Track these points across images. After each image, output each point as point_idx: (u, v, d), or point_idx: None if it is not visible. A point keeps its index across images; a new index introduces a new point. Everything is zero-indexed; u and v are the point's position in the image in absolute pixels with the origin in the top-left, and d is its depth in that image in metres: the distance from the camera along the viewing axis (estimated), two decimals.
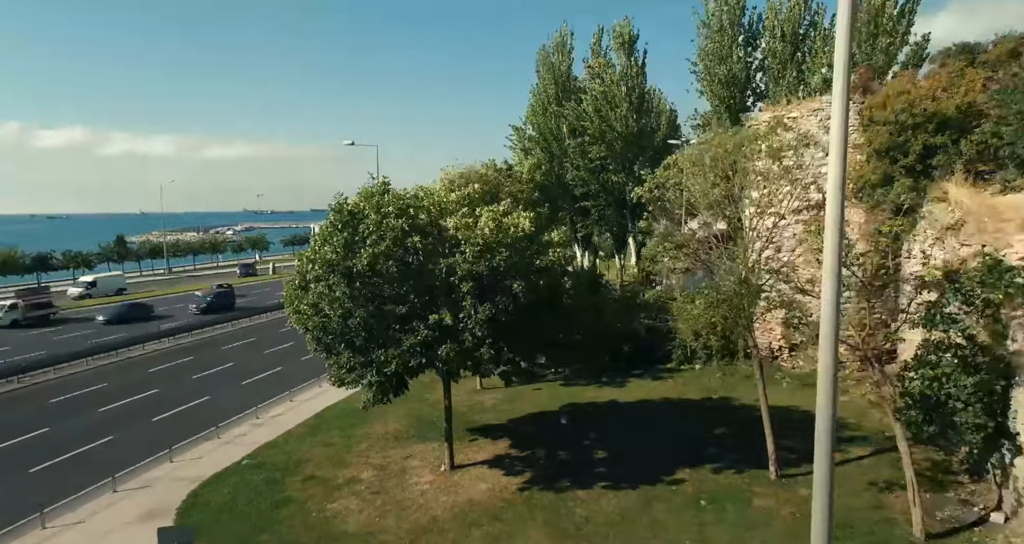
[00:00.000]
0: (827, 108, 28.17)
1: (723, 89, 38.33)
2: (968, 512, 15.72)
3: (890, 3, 34.08)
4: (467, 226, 16.39)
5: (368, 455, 21.06)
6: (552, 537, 15.35)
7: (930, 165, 24.92)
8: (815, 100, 29.19)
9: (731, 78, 38.14)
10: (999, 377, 15.44)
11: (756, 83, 39.65)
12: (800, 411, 23.91)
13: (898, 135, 25.27)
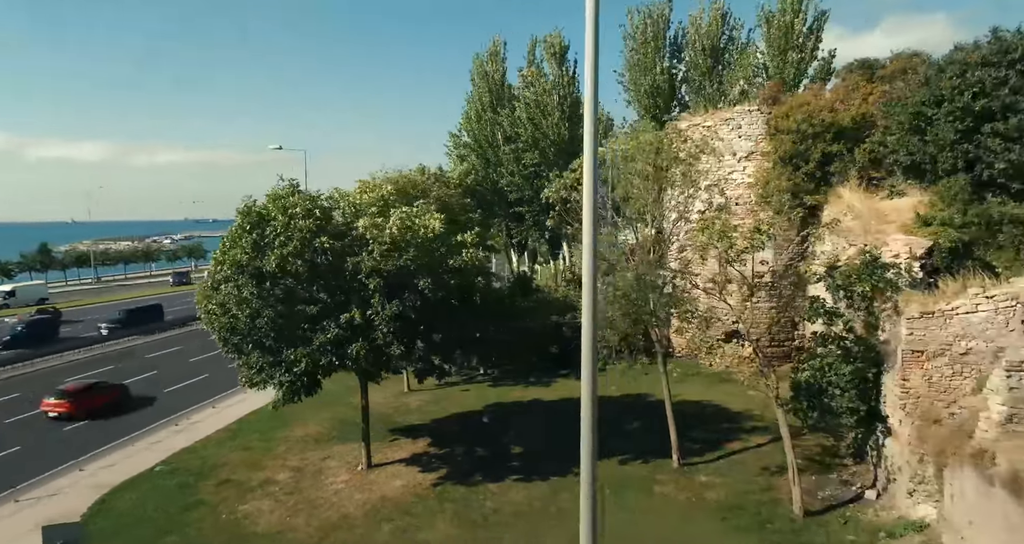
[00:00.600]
0: (737, 117, 29.80)
1: (648, 99, 39.84)
2: (847, 491, 16.93)
3: (799, 21, 36.21)
4: (376, 226, 16.76)
5: (286, 457, 21.04)
6: (459, 527, 15.79)
7: (828, 172, 26.67)
8: (728, 110, 30.76)
9: (655, 89, 39.68)
10: (871, 365, 16.78)
11: (681, 94, 41.37)
12: (712, 405, 25.16)
13: (799, 143, 26.95)
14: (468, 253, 18.67)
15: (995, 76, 20.95)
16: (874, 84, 28.03)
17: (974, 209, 20.37)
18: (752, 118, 29.17)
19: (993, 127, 20.83)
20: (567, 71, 44.25)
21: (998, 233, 20.08)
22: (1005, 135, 20.63)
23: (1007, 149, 20.43)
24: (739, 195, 29.50)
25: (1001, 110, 20.80)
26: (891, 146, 23.49)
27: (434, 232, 17.44)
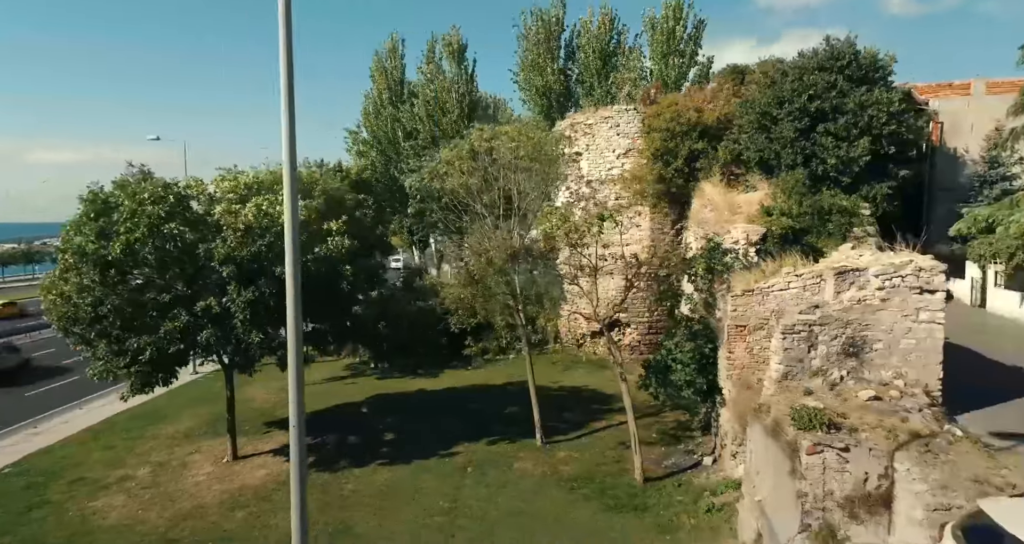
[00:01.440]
0: (616, 116, 31.24)
1: (541, 98, 41.00)
2: (689, 459, 18.23)
3: (679, 27, 38.32)
4: (230, 212, 16.63)
5: (150, 454, 20.41)
6: (316, 510, 15.89)
7: (695, 167, 28.42)
8: (607, 109, 32.18)
9: (547, 88, 40.89)
10: (707, 341, 18.17)
11: (574, 94, 42.82)
12: (589, 389, 26.27)
13: (669, 141, 28.57)
14: (334, 241, 18.83)
15: (827, 80, 23.06)
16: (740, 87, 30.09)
17: (808, 200, 22.34)
18: (629, 117, 30.66)
19: (825, 127, 22.91)
20: (466, 69, 44.89)
21: (828, 221, 22.14)
22: (835, 134, 22.73)
23: (837, 146, 22.53)
24: (617, 191, 30.93)
25: (832, 111, 22.92)
26: (743, 143, 25.37)
27: None
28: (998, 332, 18.92)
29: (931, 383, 11.41)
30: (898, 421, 9.56)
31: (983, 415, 11.61)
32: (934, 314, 11.28)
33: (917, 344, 11.37)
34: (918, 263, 11.41)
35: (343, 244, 18.92)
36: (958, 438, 9.29)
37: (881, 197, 22.58)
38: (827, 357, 11.59)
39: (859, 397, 10.43)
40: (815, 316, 11.62)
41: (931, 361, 11.37)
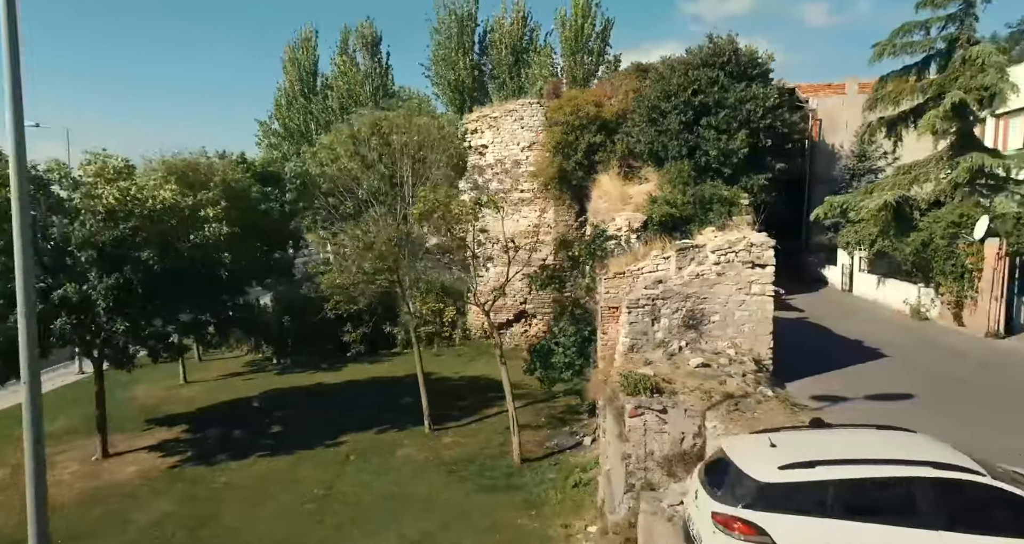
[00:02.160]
0: (520, 110, 31.64)
1: (453, 93, 41.04)
2: (570, 440, 18.66)
3: (588, 25, 39.16)
4: (90, 196, 15.88)
5: (12, 456, 19.18)
6: (179, 504, 15.39)
7: (594, 160, 29.10)
8: (513, 103, 32.55)
9: (460, 83, 40.97)
10: (588, 325, 18.67)
11: (487, 89, 43.06)
12: (488, 378, 26.32)
13: (569, 134, 29.14)
14: (211, 228, 18.25)
15: (709, 76, 24.06)
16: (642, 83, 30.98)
17: (692, 190, 23.27)
18: (533, 111, 31.10)
19: (708, 120, 23.90)
20: (380, 62, 44.44)
21: (709, 210, 23.11)
22: (717, 127, 23.74)
23: (718, 139, 23.54)
24: (522, 183, 31.36)
25: (714, 105, 23.93)
26: (635, 136, 26.18)
27: (164, 202, 16.84)
28: (853, 312, 20.24)
29: (763, 352, 12.08)
30: (716, 384, 10.09)
31: (812, 381, 12.38)
32: (764, 287, 11.96)
33: (750, 316, 12.03)
34: (750, 239, 12.08)
35: (220, 231, 18.36)
36: (768, 397, 9.89)
37: (758, 188, 23.73)
38: (669, 329, 12.11)
39: (689, 364, 10.94)
40: (658, 291, 12.12)
41: (762, 331, 12.05)
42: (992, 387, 12.09)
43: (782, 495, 5.45)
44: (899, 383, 12.18)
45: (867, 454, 5.63)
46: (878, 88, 19.83)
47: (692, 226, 22.84)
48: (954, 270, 16.49)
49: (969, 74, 17.52)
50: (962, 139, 17.84)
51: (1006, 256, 15.35)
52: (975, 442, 8.99)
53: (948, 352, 14.74)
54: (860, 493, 5.39)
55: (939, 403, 11.05)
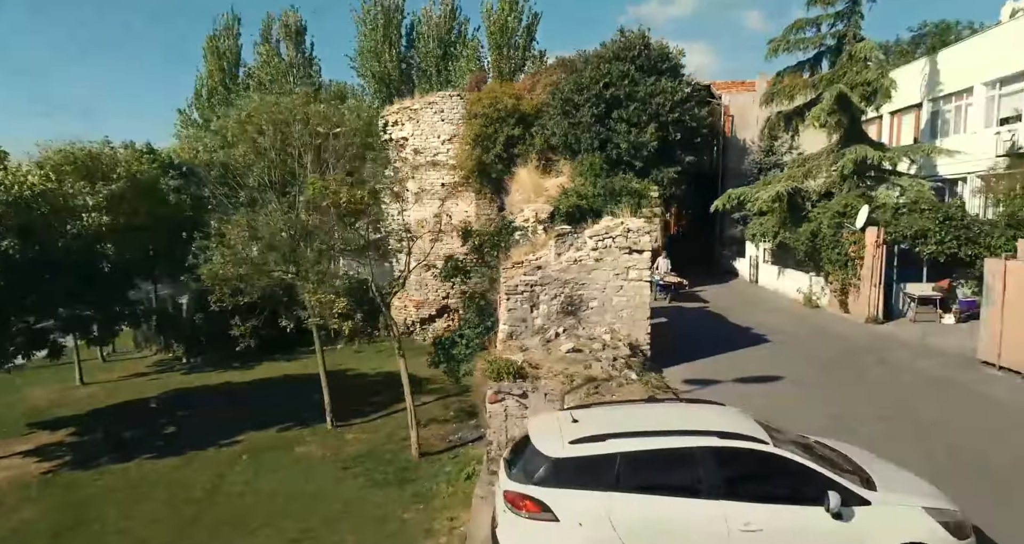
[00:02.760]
0: (440, 102, 31.24)
1: (379, 85, 40.32)
2: (475, 433, 18.39)
3: (512, 19, 39.09)
4: None
5: None
6: (47, 511, 14.44)
7: (513, 153, 29.00)
8: (433, 95, 32.13)
9: (385, 75, 40.28)
10: (490, 316, 18.50)
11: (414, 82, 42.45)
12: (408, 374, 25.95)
13: (488, 127, 28.95)
14: (91, 218, 17.22)
15: (620, 69, 24.26)
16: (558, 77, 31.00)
17: (602, 182, 23.40)
18: (453, 103, 30.73)
19: (619, 113, 24.10)
20: (304, 52, 43.27)
21: (619, 202, 23.31)
22: (628, 120, 23.97)
23: (628, 132, 23.77)
24: (442, 175, 31.00)
25: (625, 98, 24.15)
26: (550, 128, 26.20)
27: (32, 188, 15.75)
28: (754, 302, 20.78)
29: (640, 337, 12.13)
30: (582, 368, 10.03)
31: (693, 366, 12.54)
32: (641, 273, 12.01)
33: (628, 301, 12.05)
34: (628, 225, 12.11)
35: (100, 221, 17.34)
36: (631, 381, 9.89)
37: (668, 181, 24.08)
38: (548, 316, 12.02)
39: (561, 350, 10.87)
40: (536, 277, 12.01)
41: (640, 317, 12.10)
42: (852, 367, 12.49)
43: (572, 470, 5.33)
44: (773, 366, 12.45)
45: (659, 426, 5.57)
46: (775, 83, 20.39)
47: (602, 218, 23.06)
48: (839, 259, 17.05)
49: (855, 70, 18.15)
50: (849, 133, 18.49)
51: (883, 244, 15.94)
52: (812, 412, 9.21)
53: (827, 337, 15.21)
54: (646, 465, 5.32)
55: (800, 383, 11.33)
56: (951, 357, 12.82)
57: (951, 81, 21.28)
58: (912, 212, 16.47)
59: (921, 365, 12.47)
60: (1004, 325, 11.44)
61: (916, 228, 16.04)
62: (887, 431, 9.10)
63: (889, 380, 11.61)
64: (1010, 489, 7.61)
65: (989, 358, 11.89)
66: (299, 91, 23.06)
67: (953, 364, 12.38)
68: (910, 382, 11.43)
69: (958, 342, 13.52)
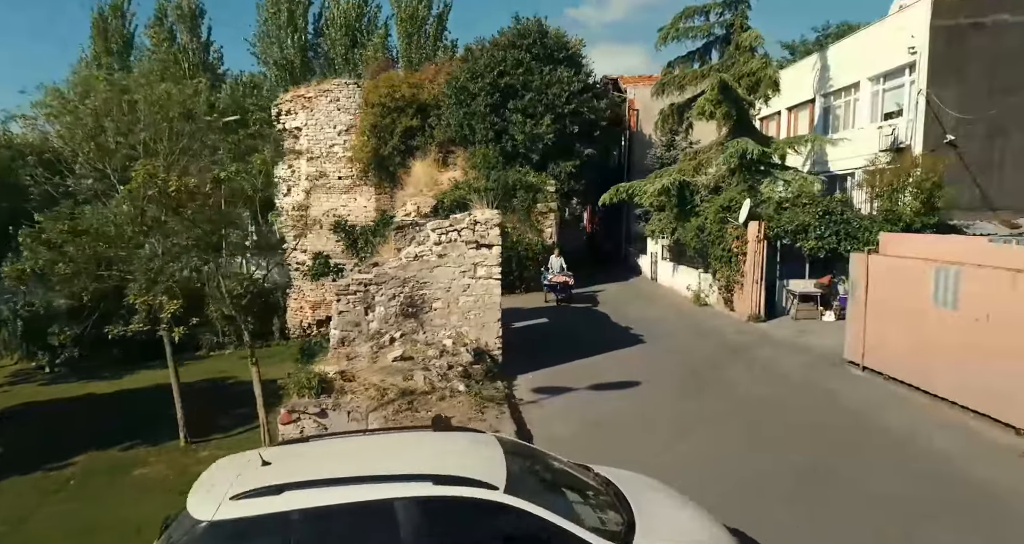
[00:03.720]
0: (336, 90, 29.45)
1: (280, 72, 38.08)
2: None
3: (422, 7, 37.59)
4: None
5: None
6: None
7: (412, 145, 27.53)
8: (329, 82, 30.29)
9: (287, 62, 38.06)
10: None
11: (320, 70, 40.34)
12: None
13: (384, 117, 27.37)
14: None
15: (516, 57, 23.15)
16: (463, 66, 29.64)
17: (495, 174, 22.26)
18: (350, 91, 29.01)
19: (515, 103, 22.99)
20: (198, 37, 40.44)
21: (513, 196, 22.24)
22: (523, 110, 22.89)
23: (524, 123, 22.69)
24: (339, 168, 29.26)
25: (521, 87, 23.06)
26: (445, 118, 24.89)
27: None
28: (648, 300, 20.08)
29: (490, 341, 10.98)
30: (401, 380, 8.76)
31: (550, 372, 11.49)
32: (491, 270, 10.84)
33: (476, 301, 10.87)
34: (475, 216, 10.91)
35: None
36: (457, 393, 8.69)
37: (566, 175, 23.16)
38: (386, 319, 10.70)
39: (388, 358, 9.56)
40: (371, 275, 10.66)
41: (489, 318, 10.94)
42: (716, 369, 11.72)
43: (227, 538, 4.00)
44: (637, 370, 11.53)
45: (360, 469, 4.30)
46: (666, 74, 19.73)
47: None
48: (723, 254, 16.45)
49: (742, 60, 17.62)
50: (737, 126, 17.96)
51: (765, 239, 15.38)
52: (651, 419, 8.30)
53: (704, 336, 14.51)
54: (330, 525, 4.04)
55: (655, 387, 10.44)
56: (820, 356, 12.24)
57: (840, 76, 21.19)
58: (794, 206, 16.00)
59: (787, 365, 11.82)
60: (867, 323, 10.86)
61: (797, 223, 15.56)
62: (717, 435, 8.25)
63: (747, 381, 10.86)
64: (812, 488, 6.83)
65: (854, 357, 11.32)
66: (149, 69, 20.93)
67: (819, 364, 11.78)
68: (768, 383, 10.72)
69: (832, 340, 12.98)
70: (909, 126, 17.76)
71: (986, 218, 17.00)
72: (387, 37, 39.00)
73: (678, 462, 7.48)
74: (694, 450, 7.84)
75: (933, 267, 9.46)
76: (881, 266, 10.76)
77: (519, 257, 20.71)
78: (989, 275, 8.49)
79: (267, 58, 38.18)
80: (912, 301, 9.84)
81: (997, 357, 8.25)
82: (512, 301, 19.56)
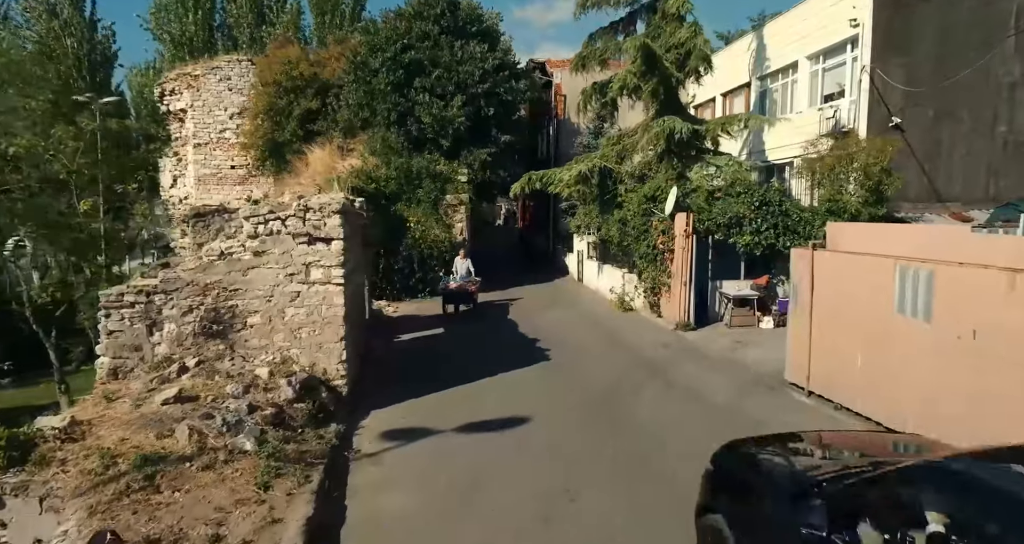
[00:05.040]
0: (227, 67, 26.03)
1: (177, 49, 34.23)
2: None
3: None
4: None
5: None
6: None
7: (313, 130, 24.40)
8: (218, 59, 26.85)
9: (187, 39, 34.26)
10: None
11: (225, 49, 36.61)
12: None
13: (281, 98, 24.18)
14: None
15: (422, 29, 20.39)
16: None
17: (397, 162, 19.46)
18: (243, 69, 25.65)
19: (421, 81, 20.22)
20: (82, 12, 36.05)
21: (419, 187, 19.46)
22: (431, 90, 20.15)
23: (431, 104, 19.95)
24: (231, 156, 25.86)
25: (428, 64, 20.31)
26: (344, 98, 21.95)
27: None
28: (568, 304, 17.67)
29: (331, 367, 8.22)
30: (154, 437, 5.90)
31: (416, 404, 8.82)
32: (330, 272, 8.08)
33: (309, 314, 8.08)
34: (307, 201, 8.13)
35: None
36: (238, 454, 5.89)
37: (480, 163, 20.56)
38: (179, 340, 7.80)
39: (155, 401, 6.67)
40: (157, 280, 7.72)
41: (328, 338, 8.17)
42: (628, 396, 9.29)
43: None
44: (530, 400, 8.99)
45: None
46: (587, 46, 17.32)
47: (400, 205, 19.14)
48: (648, 252, 14.15)
49: (669, 30, 15.39)
50: (665, 106, 15.70)
51: (694, 233, 13.13)
52: (528, 481, 5.69)
53: (622, 351, 12.10)
54: None
55: (547, 427, 7.90)
56: (756, 376, 9.98)
57: (777, 57, 19.32)
58: (727, 196, 13.82)
59: (715, 388, 9.48)
60: (812, 335, 8.62)
61: (731, 215, 13.38)
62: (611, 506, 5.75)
63: (663, 414, 8.44)
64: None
65: (797, 379, 9.07)
66: None
67: (756, 387, 9.49)
68: (688, 416, 8.31)
69: (772, 353, 10.79)
70: (852, 108, 15.87)
71: (935, 210, 15.28)
72: (300, 15, 35.57)
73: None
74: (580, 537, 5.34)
75: (896, 265, 7.25)
76: (829, 264, 8.54)
77: (422, 256, 17.97)
78: (975, 276, 6.30)
79: (163, 33, 34.20)
80: (870, 308, 7.63)
81: (988, 390, 6.05)
82: (410, 308, 16.83)
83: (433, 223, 18.67)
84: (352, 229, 10.03)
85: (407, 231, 18.08)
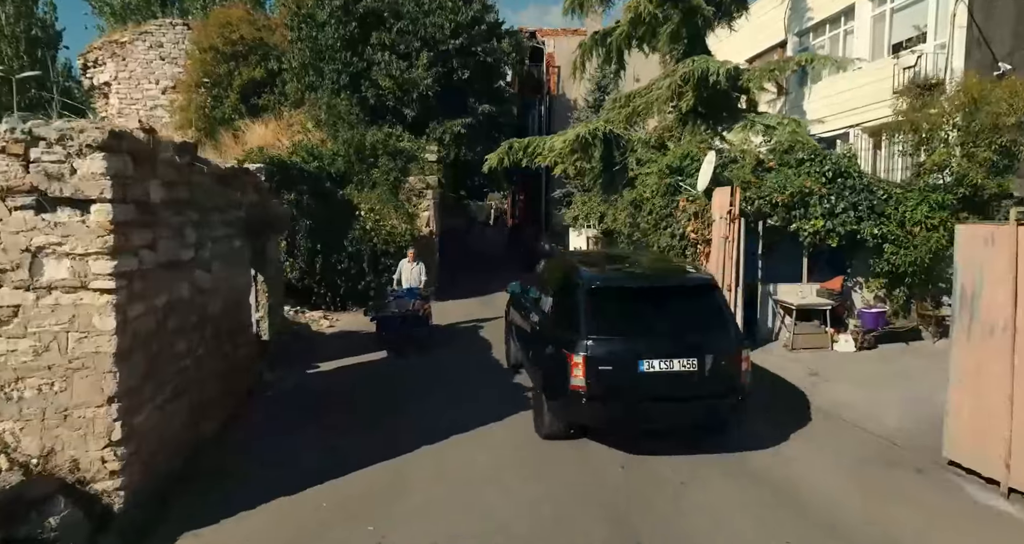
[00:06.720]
0: (157, 32, 22.01)
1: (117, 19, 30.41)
2: None
3: None
4: None
5: None
6: None
7: (257, 104, 20.39)
8: (148, 24, 22.85)
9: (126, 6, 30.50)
10: None
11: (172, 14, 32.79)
12: None
13: (219, 66, 20.20)
14: None
15: None
16: None
17: (347, 135, 15.48)
18: (176, 35, 21.64)
19: (378, 36, 16.29)
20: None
21: (374, 166, 15.51)
22: (391, 47, 16.21)
23: (391, 64, 16.01)
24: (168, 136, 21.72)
25: (389, 15, 16.36)
26: (285, 60, 17.98)
27: None
28: None
29: (91, 454, 4.19)
30: None
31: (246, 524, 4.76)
32: (86, 267, 4.05)
33: (38, 354, 4.04)
34: (39, 130, 4.08)
35: None
36: None
37: (452, 138, 16.58)
38: None
39: None
40: None
41: (83, 398, 4.12)
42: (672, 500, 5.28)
43: None
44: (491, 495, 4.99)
45: None
46: None
47: (351, 188, 15.17)
48: (672, 243, 10.15)
49: None
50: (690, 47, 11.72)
51: (739, 217, 9.14)
52: None
53: None
54: None
55: None
56: (871, 442, 5.97)
57: (823, 4, 15.48)
58: (784, 166, 9.86)
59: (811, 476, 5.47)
60: (1017, 378, 4.66)
61: (791, 191, 9.41)
62: None
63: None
64: None
65: (974, 461, 5.06)
66: None
67: (884, 469, 5.47)
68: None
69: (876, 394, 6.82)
70: (938, 54, 11.99)
71: None
72: None
73: None
74: None
75: None
76: None
77: (374, 253, 13.90)
78: None
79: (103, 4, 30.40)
80: None
81: None
82: (353, 321, 12.70)
83: (391, 211, 14.63)
84: (218, 198, 6.11)
85: (355, 220, 14.05)
